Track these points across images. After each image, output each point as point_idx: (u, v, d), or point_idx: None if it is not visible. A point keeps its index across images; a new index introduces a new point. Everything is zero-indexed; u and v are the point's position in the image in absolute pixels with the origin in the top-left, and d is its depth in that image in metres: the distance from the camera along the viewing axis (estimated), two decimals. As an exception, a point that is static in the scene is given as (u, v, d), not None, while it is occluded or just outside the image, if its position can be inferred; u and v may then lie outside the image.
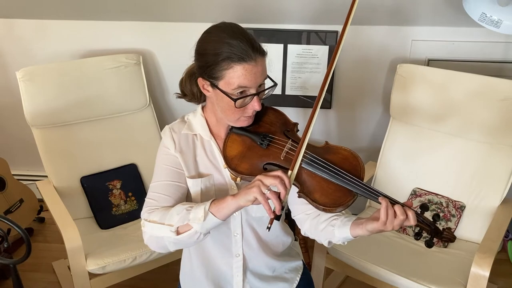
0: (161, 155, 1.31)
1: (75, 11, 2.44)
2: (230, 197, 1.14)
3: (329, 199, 1.18)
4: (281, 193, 1.10)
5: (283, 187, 1.10)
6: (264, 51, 1.19)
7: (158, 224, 1.20)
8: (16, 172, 2.78)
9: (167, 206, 1.25)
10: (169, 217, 1.19)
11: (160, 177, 1.29)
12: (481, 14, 1.86)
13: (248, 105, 1.20)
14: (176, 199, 1.28)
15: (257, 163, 1.24)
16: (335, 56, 1.19)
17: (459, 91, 2.06)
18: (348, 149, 1.24)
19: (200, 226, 1.15)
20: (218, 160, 1.31)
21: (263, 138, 1.25)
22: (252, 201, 1.11)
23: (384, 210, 1.11)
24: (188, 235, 1.17)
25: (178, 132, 1.31)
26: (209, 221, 1.15)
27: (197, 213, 1.15)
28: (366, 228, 1.15)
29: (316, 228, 1.28)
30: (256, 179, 1.12)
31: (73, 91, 2.24)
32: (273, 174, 1.11)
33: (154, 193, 1.28)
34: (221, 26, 1.19)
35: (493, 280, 2.29)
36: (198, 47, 1.21)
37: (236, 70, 1.14)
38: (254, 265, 1.40)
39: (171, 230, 1.17)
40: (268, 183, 1.10)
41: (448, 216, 2.09)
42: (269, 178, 1.11)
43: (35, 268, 2.45)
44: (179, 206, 1.21)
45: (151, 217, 1.23)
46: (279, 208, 1.09)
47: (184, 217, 1.17)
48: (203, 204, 1.16)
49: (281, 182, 1.10)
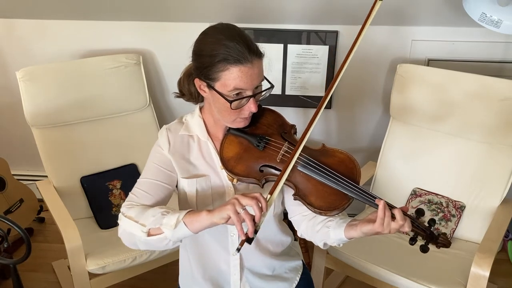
0: (153, 153, 1.32)
1: (75, 11, 2.44)
2: (205, 212, 1.13)
3: (324, 203, 1.19)
4: (255, 215, 1.08)
5: (258, 210, 1.08)
6: (261, 53, 1.18)
7: (133, 221, 1.20)
8: (16, 172, 2.78)
9: (147, 204, 1.25)
10: (144, 217, 1.19)
11: (147, 174, 1.30)
12: (481, 14, 1.86)
13: (244, 106, 1.20)
14: (158, 199, 1.28)
15: (254, 165, 1.24)
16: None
17: (459, 91, 2.06)
18: (345, 152, 1.24)
19: (171, 234, 1.14)
20: (214, 161, 1.31)
21: (259, 140, 1.25)
22: (226, 219, 1.10)
23: (381, 213, 1.11)
24: (158, 239, 1.17)
25: (174, 132, 1.31)
26: (179, 231, 1.14)
27: (170, 220, 1.15)
28: (361, 230, 1.14)
29: (312, 230, 1.28)
30: (232, 198, 1.11)
31: (73, 91, 2.24)
32: (251, 195, 1.10)
33: (137, 189, 1.28)
34: (218, 27, 1.19)
35: (493, 280, 2.29)
36: (195, 48, 1.21)
37: (232, 72, 1.14)
38: (252, 264, 1.40)
39: (143, 230, 1.17)
40: (244, 203, 1.09)
41: (448, 216, 2.09)
42: (245, 198, 1.09)
43: (35, 268, 2.45)
44: (157, 208, 1.20)
45: (129, 212, 1.22)
46: (251, 230, 1.08)
47: (158, 221, 1.16)
48: (178, 212, 1.16)
49: (257, 204, 1.09)
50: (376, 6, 1.19)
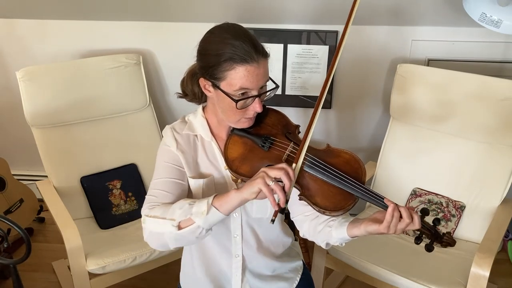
0: (162, 152, 1.30)
1: (75, 11, 2.44)
2: (234, 190, 1.13)
3: (330, 203, 1.18)
4: (285, 185, 1.10)
5: (287, 179, 1.09)
6: (266, 53, 1.18)
7: (160, 219, 1.17)
8: (16, 172, 2.78)
9: (168, 202, 1.24)
10: (171, 211, 1.17)
11: (161, 174, 1.28)
12: (481, 14, 1.86)
13: (249, 106, 1.19)
14: (177, 195, 1.26)
15: (258, 166, 1.23)
16: (334, 61, 1.19)
17: (459, 91, 2.06)
18: (350, 152, 1.24)
19: (203, 221, 1.13)
20: (218, 161, 1.30)
21: (264, 140, 1.25)
22: (256, 193, 1.10)
23: (390, 214, 1.10)
24: (190, 230, 1.14)
25: (179, 132, 1.31)
26: (212, 215, 1.13)
27: (200, 207, 1.13)
28: (366, 230, 1.14)
29: (314, 230, 1.28)
30: (260, 171, 1.12)
31: (73, 91, 2.24)
32: (278, 166, 1.11)
33: (154, 190, 1.26)
34: (224, 26, 1.19)
35: (493, 280, 2.29)
36: (201, 47, 1.20)
37: (238, 71, 1.13)
38: (254, 265, 1.40)
39: (173, 225, 1.15)
40: (273, 175, 1.10)
41: (448, 216, 2.09)
42: (274, 170, 1.10)
43: (35, 268, 2.45)
44: (182, 201, 1.19)
45: (152, 212, 1.21)
46: (283, 200, 1.08)
47: (187, 211, 1.14)
48: (205, 199, 1.15)
49: (286, 174, 1.09)
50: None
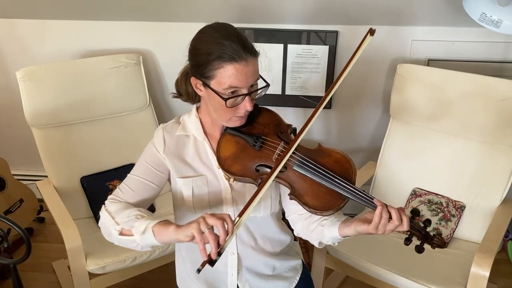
0: (147, 151, 1.33)
1: (75, 11, 2.44)
2: (174, 226, 1.12)
3: (319, 202, 1.19)
4: (220, 237, 1.05)
5: (223, 232, 1.05)
6: (256, 51, 1.19)
7: (110, 216, 1.22)
8: (16, 172, 2.78)
9: (130, 202, 1.27)
10: (121, 215, 1.21)
11: (137, 171, 1.32)
12: (481, 14, 1.86)
13: (240, 105, 1.20)
14: (142, 197, 1.30)
15: (250, 165, 1.24)
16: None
17: (459, 91, 2.06)
18: (341, 152, 1.24)
19: (139, 238, 1.15)
20: (211, 160, 1.31)
21: (256, 139, 1.25)
22: (190, 237, 1.07)
23: (378, 216, 1.11)
24: (128, 240, 1.19)
25: (171, 132, 1.32)
26: (147, 238, 1.15)
27: (141, 225, 1.15)
28: (356, 229, 1.15)
29: (308, 229, 1.29)
30: (200, 217, 1.09)
31: (73, 91, 2.24)
32: (219, 215, 1.08)
33: (124, 184, 1.31)
34: (214, 26, 1.20)
35: (493, 280, 2.29)
36: (191, 47, 1.22)
37: (227, 70, 1.14)
38: (251, 263, 1.39)
39: (116, 229, 1.19)
40: (210, 223, 1.07)
41: (448, 216, 2.09)
42: (212, 218, 1.07)
43: (35, 268, 2.45)
44: (135, 210, 1.22)
45: (109, 206, 1.26)
46: (214, 251, 1.04)
47: (131, 222, 1.18)
48: (150, 220, 1.16)
49: (223, 226, 1.05)
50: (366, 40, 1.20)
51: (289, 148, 1.19)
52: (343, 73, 1.20)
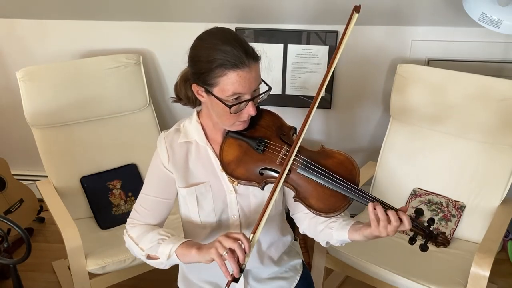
0: (154, 166, 1.33)
1: (75, 11, 2.44)
2: (195, 250, 1.18)
3: (324, 205, 1.19)
4: (239, 257, 1.10)
5: (241, 252, 1.10)
6: (257, 56, 1.18)
7: (133, 242, 1.29)
8: (16, 172, 2.78)
9: (150, 223, 1.34)
10: (143, 241, 1.28)
11: (149, 190, 1.34)
12: (481, 14, 1.86)
13: (243, 110, 1.20)
14: (161, 215, 1.35)
15: (254, 168, 1.24)
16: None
17: (459, 91, 2.06)
18: (344, 153, 1.24)
19: (166, 261, 1.23)
20: (214, 165, 1.30)
21: (259, 142, 1.25)
22: (210, 261, 1.14)
23: (372, 215, 1.12)
24: (156, 263, 1.27)
25: (172, 142, 1.31)
26: (172, 260, 1.23)
27: (165, 249, 1.22)
28: (363, 234, 1.15)
29: (315, 229, 1.29)
30: (216, 240, 1.13)
31: (73, 91, 2.24)
32: (233, 236, 1.12)
33: (140, 206, 1.34)
34: (213, 31, 1.19)
35: (493, 280, 2.29)
36: (192, 54, 1.20)
37: (230, 77, 1.13)
38: (253, 265, 1.39)
39: (142, 254, 1.27)
40: (227, 245, 1.11)
41: (448, 216, 2.09)
42: (228, 240, 1.11)
43: (35, 268, 2.45)
44: (156, 234, 1.27)
45: (131, 231, 1.32)
46: (236, 271, 1.10)
47: (155, 248, 1.25)
48: (173, 243, 1.22)
49: (239, 247, 1.10)
50: (353, 18, 1.21)
51: (290, 154, 1.19)
52: (335, 57, 1.22)
